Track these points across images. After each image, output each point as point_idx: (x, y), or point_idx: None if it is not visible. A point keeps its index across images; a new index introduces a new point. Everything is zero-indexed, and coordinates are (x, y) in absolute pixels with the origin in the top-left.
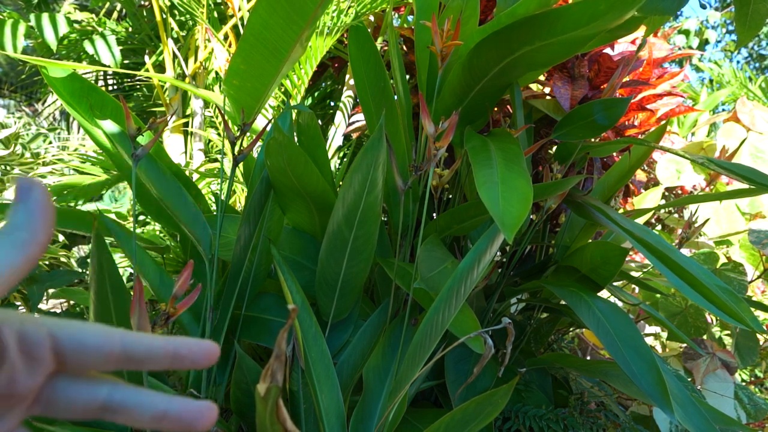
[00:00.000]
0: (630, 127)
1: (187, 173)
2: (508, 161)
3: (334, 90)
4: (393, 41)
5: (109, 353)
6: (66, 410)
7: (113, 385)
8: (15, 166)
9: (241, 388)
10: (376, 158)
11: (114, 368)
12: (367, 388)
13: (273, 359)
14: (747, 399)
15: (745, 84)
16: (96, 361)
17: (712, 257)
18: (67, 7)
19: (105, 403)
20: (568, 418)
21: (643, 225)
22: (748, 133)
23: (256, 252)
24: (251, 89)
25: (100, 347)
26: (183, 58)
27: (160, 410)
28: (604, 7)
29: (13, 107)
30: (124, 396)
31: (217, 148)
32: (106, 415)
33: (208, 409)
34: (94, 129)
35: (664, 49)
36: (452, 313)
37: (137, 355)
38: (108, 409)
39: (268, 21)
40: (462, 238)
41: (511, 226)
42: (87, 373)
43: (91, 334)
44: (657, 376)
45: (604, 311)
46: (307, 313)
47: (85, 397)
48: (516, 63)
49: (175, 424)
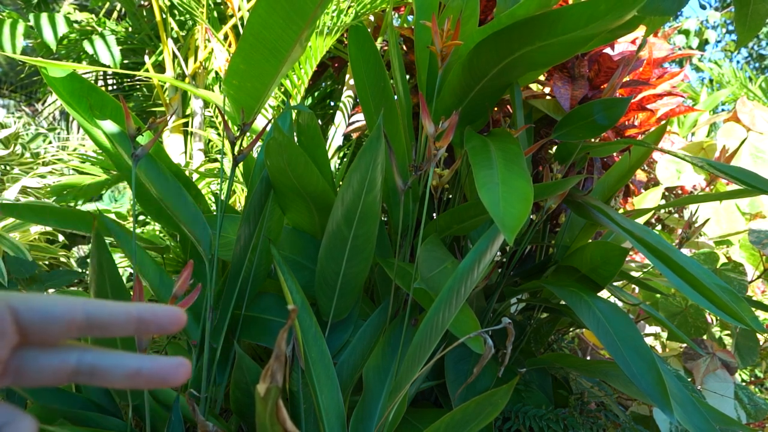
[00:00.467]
0: (630, 127)
1: (187, 173)
2: (508, 161)
3: (334, 90)
4: (393, 41)
5: (71, 320)
6: (37, 379)
7: (83, 349)
8: (15, 166)
9: (241, 388)
10: (375, 157)
11: (78, 335)
12: (367, 388)
13: (273, 359)
14: (747, 399)
15: (745, 84)
16: (59, 329)
17: (712, 257)
18: (67, 8)
19: (77, 367)
20: (568, 418)
21: (643, 225)
22: (748, 133)
23: (256, 252)
24: (251, 89)
25: (62, 315)
26: (183, 58)
27: (133, 368)
28: (604, 7)
29: (13, 107)
30: (95, 358)
31: (217, 148)
32: (80, 379)
33: (182, 364)
34: (94, 129)
35: (664, 49)
36: (452, 313)
37: (100, 321)
38: (81, 373)
39: (268, 21)
40: (462, 238)
41: (512, 228)
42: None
43: (53, 304)
44: (657, 376)
45: (604, 311)
46: (307, 313)
47: (55, 364)
48: (516, 63)
49: (150, 380)
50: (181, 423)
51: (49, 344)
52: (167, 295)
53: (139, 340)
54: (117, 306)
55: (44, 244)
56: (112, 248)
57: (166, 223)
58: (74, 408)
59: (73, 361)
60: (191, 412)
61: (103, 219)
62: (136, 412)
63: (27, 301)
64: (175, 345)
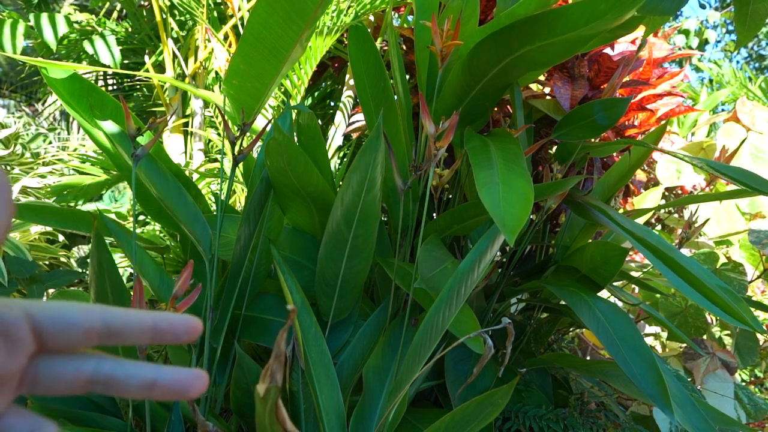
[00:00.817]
0: (630, 127)
1: (187, 173)
2: (508, 161)
3: (334, 90)
4: (393, 41)
5: (89, 329)
6: (52, 387)
7: (99, 358)
8: (15, 166)
9: (241, 388)
10: (375, 157)
11: (96, 344)
12: (367, 388)
13: (272, 359)
14: (747, 399)
15: (745, 84)
16: (77, 337)
17: (712, 257)
18: (67, 8)
19: (92, 376)
20: (568, 418)
21: (643, 225)
22: (748, 133)
23: (256, 252)
24: (251, 89)
25: (80, 324)
26: (183, 58)
27: (149, 379)
28: (603, 7)
29: (13, 107)
30: (111, 368)
31: (217, 148)
32: (95, 388)
33: (199, 377)
34: (94, 129)
35: (664, 49)
36: (452, 313)
37: (117, 328)
38: (96, 382)
39: (268, 21)
40: (462, 238)
41: (512, 228)
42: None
43: (70, 311)
44: (657, 376)
45: (604, 311)
46: (307, 313)
47: (71, 373)
48: (516, 63)
49: (166, 392)
50: (181, 423)
51: (66, 352)
52: (167, 295)
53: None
54: (133, 314)
55: (44, 244)
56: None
57: (166, 223)
58: (74, 408)
59: (89, 371)
60: (191, 412)
61: (103, 219)
62: (136, 412)
63: (44, 309)
64: (175, 345)
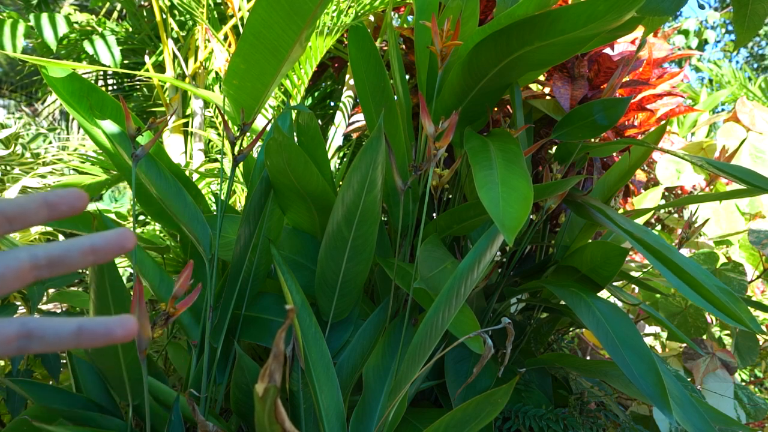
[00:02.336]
0: (630, 127)
1: (187, 173)
2: (508, 162)
3: (334, 90)
4: (393, 41)
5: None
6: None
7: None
8: (15, 166)
9: (241, 388)
10: (375, 158)
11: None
12: (367, 388)
13: (271, 359)
14: (747, 399)
15: (745, 84)
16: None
17: (712, 257)
18: (67, 8)
19: (20, 331)
20: (568, 418)
21: (643, 225)
22: (747, 133)
23: (256, 252)
24: (251, 89)
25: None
26: (183, 58)
27: (75, 325)
28: (603, 8)
29: (13, 107)
30: (38, 323)
31: (217, 148)
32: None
33: (128, 320)
34: (94, 129)
35: (664, 50)
36: (452, 313)
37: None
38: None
39: (268, 21)
40: (462, 238)
41: (512, 228)
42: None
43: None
44: (656, 376)
45: (604, 311)
46: (307, 313)
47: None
48: (516, 63)
49: (94, 336)
50: (181, 423)
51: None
52: (167, 295)
53: (140, 341)
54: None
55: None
56: None
57: (166, 223)
58: (74, 408)
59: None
60: (191, 412)
61: (103, 219)
62: (136, 412)
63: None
64: (175, 344)
